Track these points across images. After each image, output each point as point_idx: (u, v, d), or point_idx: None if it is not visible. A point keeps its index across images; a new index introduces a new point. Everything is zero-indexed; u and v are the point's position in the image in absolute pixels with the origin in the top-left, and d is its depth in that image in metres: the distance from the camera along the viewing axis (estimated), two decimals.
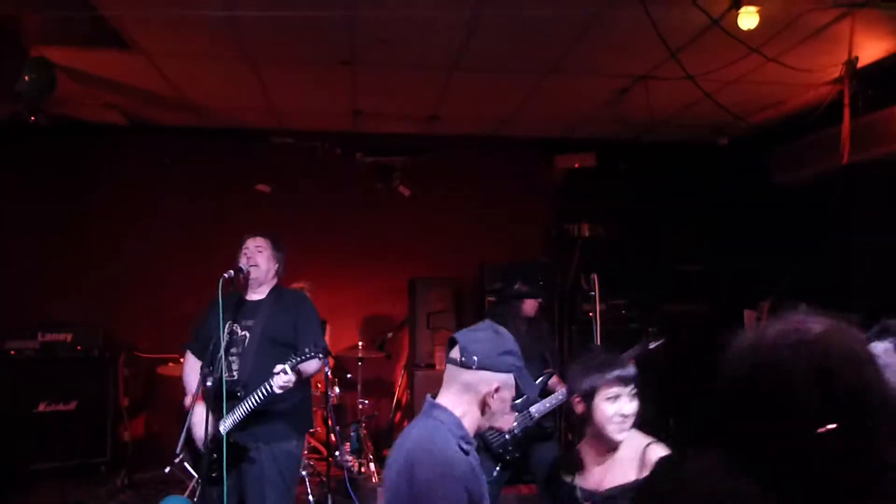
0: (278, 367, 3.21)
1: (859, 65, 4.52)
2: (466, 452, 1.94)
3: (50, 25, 4.28)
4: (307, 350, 3.32)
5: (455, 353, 2.01)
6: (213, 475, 3.30)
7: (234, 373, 3.50)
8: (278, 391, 3.23)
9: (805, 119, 5.66)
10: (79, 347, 5.88)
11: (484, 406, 2.00)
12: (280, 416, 3.47)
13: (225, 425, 3.39)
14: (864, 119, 4.73)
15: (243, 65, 4.90)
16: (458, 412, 1.98)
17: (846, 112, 4.16)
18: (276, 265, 3.72)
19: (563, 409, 5.47)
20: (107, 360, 5.97)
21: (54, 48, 4.59)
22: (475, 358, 1.97)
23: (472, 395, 1.99)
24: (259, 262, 3.63)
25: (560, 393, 4.24)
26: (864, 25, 4.15)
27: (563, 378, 4.39)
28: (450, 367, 2.04)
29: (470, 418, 2.00)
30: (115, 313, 6.22)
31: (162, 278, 6.42)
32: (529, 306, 4.29)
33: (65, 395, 5.75)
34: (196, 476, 3.44)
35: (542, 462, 4.25)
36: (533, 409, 4.20)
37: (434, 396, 2.06)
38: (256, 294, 3.70)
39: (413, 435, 1.99)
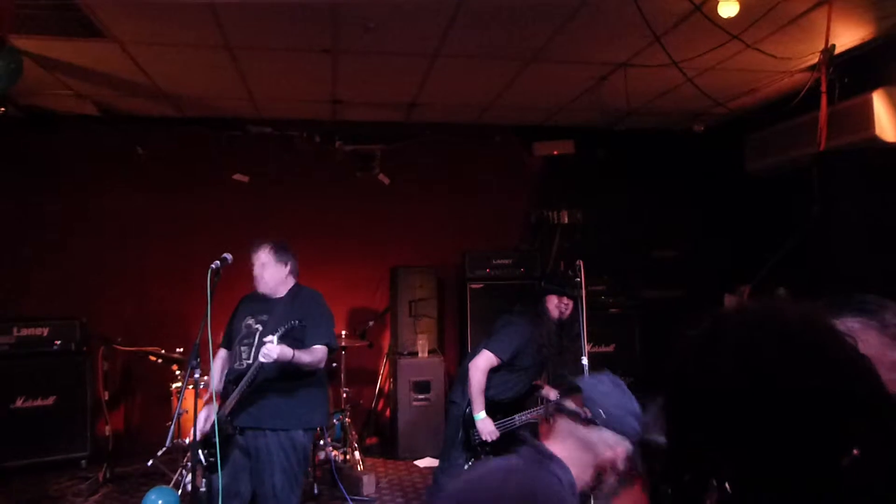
0: (267, 338, 3.33)
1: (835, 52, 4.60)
2: None
3: (21, 13, 4.17)
4: (293, 323, 3.44)
5: (572, 404, 1.73)
6: (212, 460, 3.35)
7: (244, 362, 3.61)
8: (262, 359, 3.31)
9: (780, 107, 5.76)
10: (56, 342, 5.77)
11: (599, 476, 1.69)
12: (285, 406, 3.58)
13: (224, 410, 3.52)
14: (839, 106, 4.81)
15: (222, 53, 4.82)
16: (574, 472, 1.66)
17: (823, 99, 4.23)
18: (287, 268, 3.83)
19: None
20: (85, 353, 5.87)
21: (25, 37, 4.47)
22: (602, 414, 1.67)
23: (590, 456, 1.69)
24: (265, 277, 3.77)
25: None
26: (840, 13, 4.23)
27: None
28: (564, 418, 1.74)
29: (581, 483, 1.68)
30: (92, 307, 6.11)
31: (140, 270, 6.34)
32: (553, 305, 4.24)
33: (43, 390, 5.67)
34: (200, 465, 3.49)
35: None
36: (517, 416, 4.25)
37: (536, 438, 1.76)
38: (277, 293, 3.83)
39: (523, 485, 1.58)
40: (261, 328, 3.65)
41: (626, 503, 1.85)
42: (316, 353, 3.59)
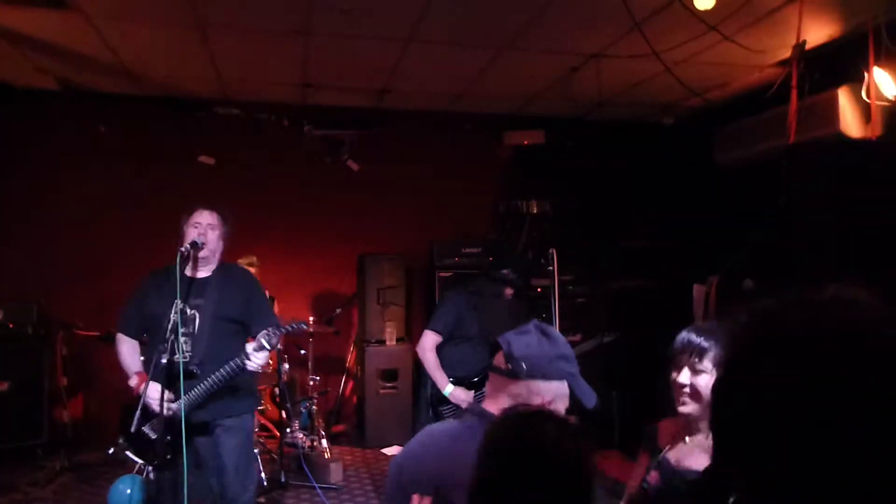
0: (251, 346, 3.22)
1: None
2: None
3: None
4: (283, 327, 3.32)
5: (499, 361, 1.74)
6: (168, 457, 3.19)
7: (187, 354, 3.35)
8: (255, 368, 3.23)
9: (748, 101, 5.85)
10: (10, 325, 5.58)
11: None
12: (234, 393, 3.44)
13: (182, 404, 3.26)
14: (807, 101, 4.90)
15: (192, 31, 4.69)
16: None
17: (793, 94, 4.30)
18: (222, 243, 3.58)
19: None
20: (42, 337, 5.68)
21: None
22: (524, 366, 1.69)
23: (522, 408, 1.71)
24: (210, 239, 3.47)
25: None
26: (810, 10, 4.30)
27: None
28: (494, 375, 1.77)
29: None
30: (50, 290, 5.91)
31: (100, 253, 6.14)
32: (510, 292, 4.46)
33: None
34: (142, 461, 3.31)
35: None
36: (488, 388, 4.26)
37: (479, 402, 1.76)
38: (201, 272, 3.53)
39: (466, 451, 1.46)
40: (197, 314, 3.40)
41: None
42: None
